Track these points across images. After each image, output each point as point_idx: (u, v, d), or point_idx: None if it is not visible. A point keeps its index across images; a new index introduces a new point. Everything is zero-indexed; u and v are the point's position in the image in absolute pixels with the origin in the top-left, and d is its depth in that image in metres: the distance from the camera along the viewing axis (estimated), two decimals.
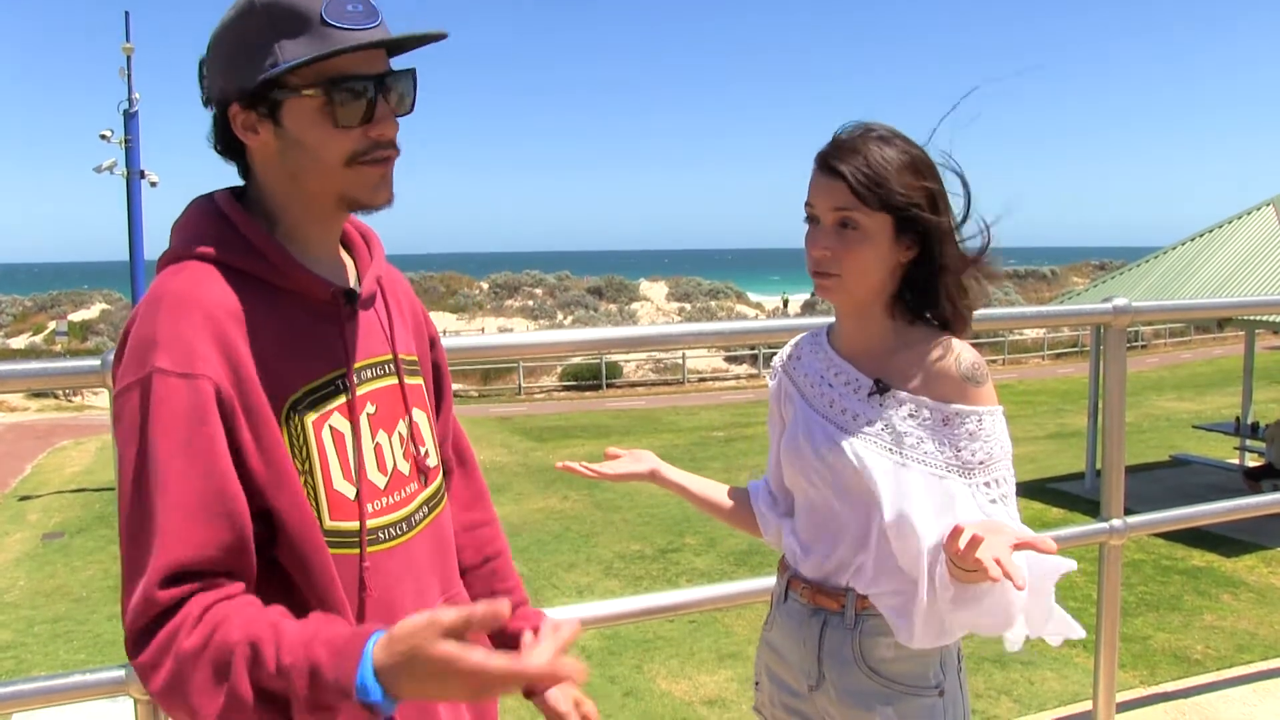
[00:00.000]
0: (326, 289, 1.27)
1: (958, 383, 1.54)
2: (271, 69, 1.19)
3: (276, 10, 1.19)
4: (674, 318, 39.98)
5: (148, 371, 1.14)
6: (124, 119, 17.73)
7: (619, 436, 20.40)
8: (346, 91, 1.22)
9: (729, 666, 8.40)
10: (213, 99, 1.26)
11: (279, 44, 1.19)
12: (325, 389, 1.25)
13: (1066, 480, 14.83)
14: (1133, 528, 2.79)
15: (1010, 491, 1.56)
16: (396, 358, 1.36)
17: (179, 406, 1.12)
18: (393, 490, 1.32)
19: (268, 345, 1.20)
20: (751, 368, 31.33)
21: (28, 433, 23.06)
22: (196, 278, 1.20)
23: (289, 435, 1.21)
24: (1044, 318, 3.93)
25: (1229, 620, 9.33)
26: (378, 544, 1.29)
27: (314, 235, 1.31)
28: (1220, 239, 15.13)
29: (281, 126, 1.23)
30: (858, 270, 1.57)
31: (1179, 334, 37.59)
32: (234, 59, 1.22)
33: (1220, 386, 24.80)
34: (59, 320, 33.95)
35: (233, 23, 1.23)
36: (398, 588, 1.30)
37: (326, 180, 1.25)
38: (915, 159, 1.57)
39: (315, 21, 1.19)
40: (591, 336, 2.47)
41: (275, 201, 1.29)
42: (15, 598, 11.48)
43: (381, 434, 1.31)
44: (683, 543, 12.42)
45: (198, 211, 1.29)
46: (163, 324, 1.16)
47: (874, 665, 1.59)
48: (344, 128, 1.23)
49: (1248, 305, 5.50)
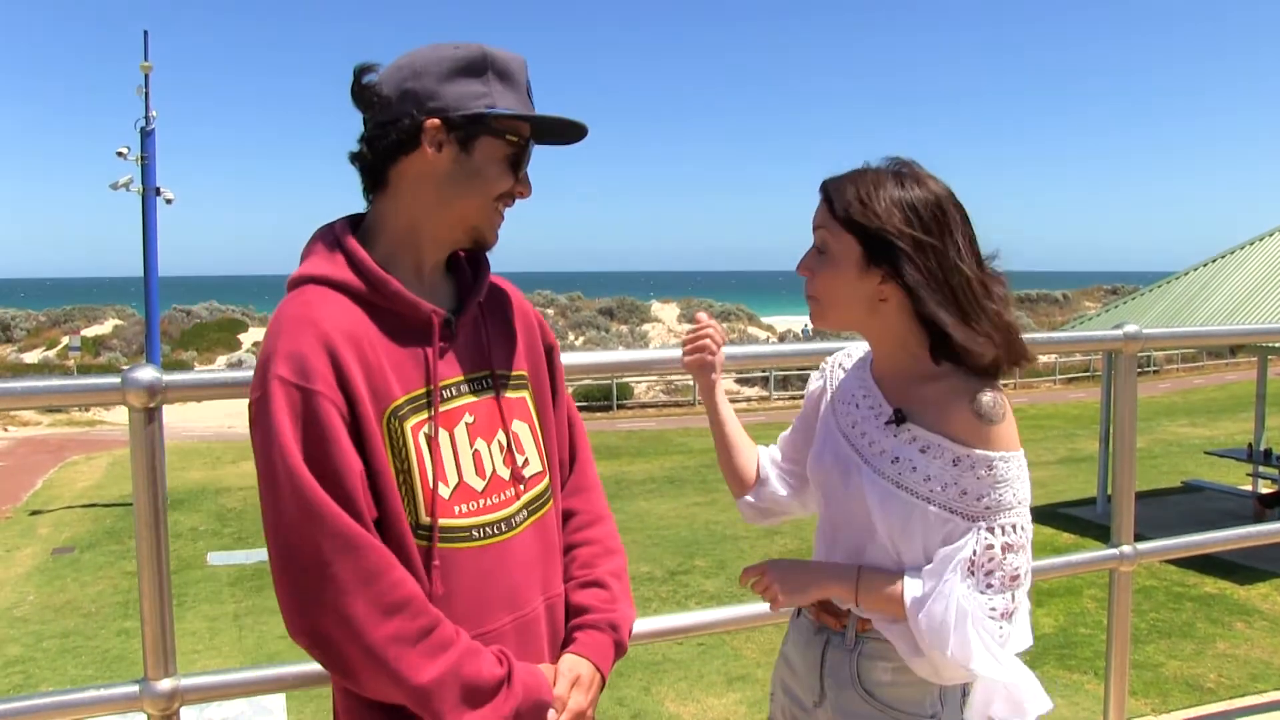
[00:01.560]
0: (425, 312, 1.43)
1: (974, 423, 1.48)
2: (489, 108, 1.42)
3: (498, 67, 1.44)
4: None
5: (269, 381, 1.33)
6: (141, 136, 17.88)
7: (630, 458, 20.39)
8: (525, 149, 1.48)
9: (737, 689, 8.37)
10: (398, 108, 1.42)
11: (496, 92, 1.44)
12: (422, 399, 1.42)
13: (1078, 505, 14.77)
14: (1144, 554, 2.78)
15: (1019, 540, 1.49)
16: (494, 374, 1.53)
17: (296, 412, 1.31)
18: (491, 493, 1.47)
19: (373, 359, 1.38)
20: (763, 390, 31.28)
21: (40, 447, 23.16)
22: (314, 300, 1.39)
23: (389, 439, 1.38)
24: (1056, 344, 3.92)
25: (1242, 648, 9.26)
26: (473, 541, 1.44)
27: (428, 259, 1.50)
28: (1234, 264, 15.10)
29: (467, 154, 1.44)
30: (828, 294, 1.55)
31: (1191, 359, 37.40)
32: (451, 84, 1.42)
33: (1232, 412, 24.67)
34: (72, 335, 34.13)
35: (459, 57, 1.43)
36: (489, 583, 1.45)
37: (475, 211, 1.47)
38: (916, 200, 1.49)
39: (522, 89, 1.47)
40: (604, 360, 2.48)
41: (405, 218, 1.47)
42: (25, 612, 11.50)
43: (480, 442, 1.48)
44: (692, 565, 12.39)
45: (318, 240, 1.47)
46: (283, 341, 1.35)
47: (870, 688, 1.58)
48: (512, 174, 1.47)
49: (1258, 333, 5.48)
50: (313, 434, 1.31)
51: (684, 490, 17.23)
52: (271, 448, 1.31)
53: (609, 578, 1.62)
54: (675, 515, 15.32)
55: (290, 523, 1.31)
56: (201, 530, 14.97)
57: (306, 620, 1.32)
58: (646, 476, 18.50)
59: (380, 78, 1.44)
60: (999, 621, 1.46)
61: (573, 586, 1.60)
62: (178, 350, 36.58)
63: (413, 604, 1.34)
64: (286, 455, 1.30)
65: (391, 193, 1.47)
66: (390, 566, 1.33)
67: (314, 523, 1.30)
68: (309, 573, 1.31)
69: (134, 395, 1.69)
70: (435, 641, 1.34)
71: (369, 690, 1.36)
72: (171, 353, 35.16)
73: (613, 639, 1.58)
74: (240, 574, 12.60)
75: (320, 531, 1.30)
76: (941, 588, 1.46)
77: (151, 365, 1.74)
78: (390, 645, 1.31)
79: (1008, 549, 1.47)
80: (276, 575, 1.34)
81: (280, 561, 1.33)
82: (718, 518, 14.90)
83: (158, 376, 1.71)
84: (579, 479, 1.70)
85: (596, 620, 1.57)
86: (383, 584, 1.32)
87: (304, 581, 1.31)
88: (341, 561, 1.30)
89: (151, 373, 1.71)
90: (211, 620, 10.89)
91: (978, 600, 1.45)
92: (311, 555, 1.30)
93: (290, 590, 1.33)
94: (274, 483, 1.32)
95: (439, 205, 1.45)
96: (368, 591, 1.31)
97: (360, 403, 1.35)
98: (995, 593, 1.46)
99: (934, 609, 1.46)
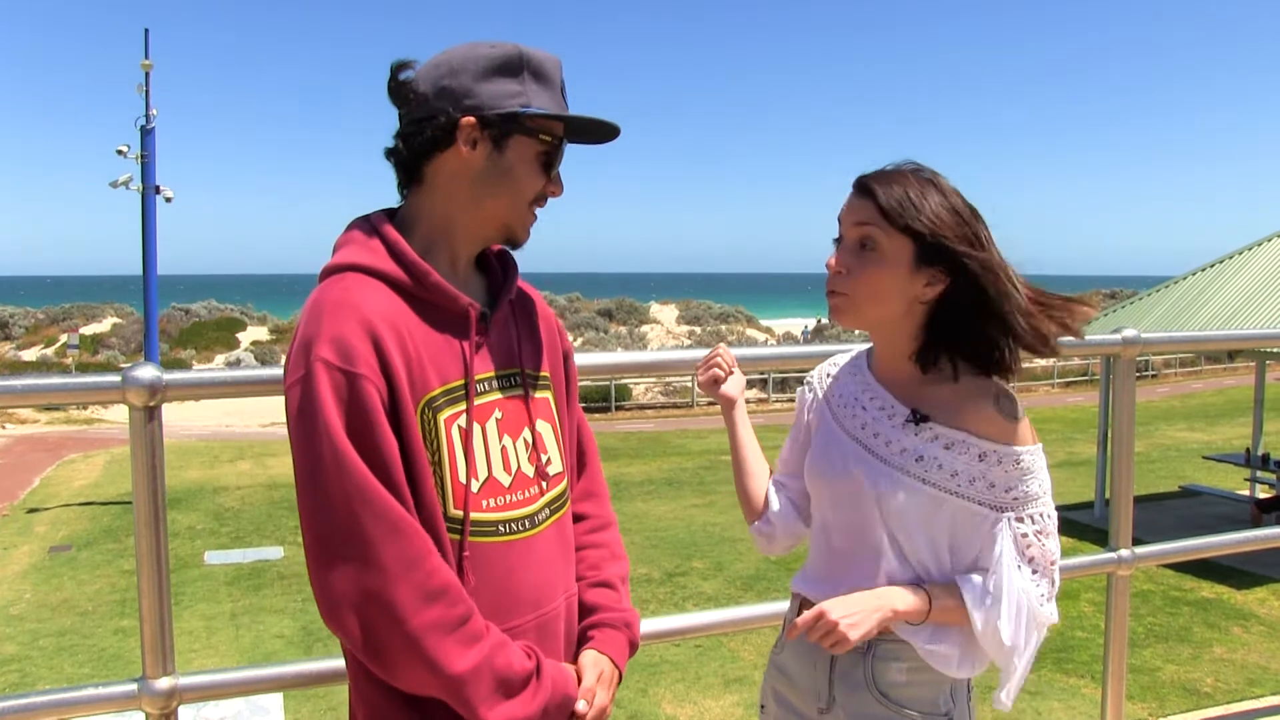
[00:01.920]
0: (464, 305, 1.45)
1: (999, 420, 1.54)
2: (524, 107, 1.44)
3: (534, 66, 1.45)
4: (684, 341, 39.95)
5: (312, 363, 1.32)
6: (141, 134, 17.86)
7: (628, 459, 20.38)
8: (558, 149, 1.49)
9: (734, 691, 8.37)
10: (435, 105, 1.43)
11: (531, 91, 1.45)
12: (457, 391, 1.43)
13: (1075, 509, 14.77)
14: (1141, 558, 2.78)
15: (1049, 527, 1.56)
16: (523, 372, 1.55)
17: (340, 394, 1.31)
18: (516, 489, 1.49)
19: (412, 348, 1.39)
20: (761, 392, 31.28)
21: (37, 445, 23.13)
22: (354, 286, 1.39)
23: (424, 428, 1.39)
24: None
25: (1239, 653, 9.26)
26: (499, 536, 1.45)
27: (462, 254, 1.51)
28: (1232, 269, 15.10)
29: (501, 153, 1.45)
30: (868, 292, 1.56)
31: (1189, 364, 37.42)
32: (487, 82, 1.43)
33: (1230, 417, 24.69)
34: (71, 333, 34.08)
35: (496, 56, 1.44)
36: (514, 579, 1.45)
37: (508, 210, 1.48)
38: (956, 205, 1.55)
39: (557, 89, 1.48)
40: (603, 362, 2.48)
41: (439, 214, 1.48)
42: (21, 610, 11.48)
43: (507, 438, 1.49)
44: (690, 566, 12.38)
45: (357, 230, 1.48)
46: (326, 325, 1.34)
47: (885, 690, 1.59)
48: (544, 173, 1.48)
49: (1258, 338, 5.48)
50: (358, 417, 1.31)
51: (682, 492, 17.22)
52: (316, 429, 1.31)
53: (617, 580, 1.65)
54: (673, 517, 15.31)
55: (336, 504, 1.30)
56: (199, 529, 14.95)
57: (347, 603, 1.31)
58: (645, 478, 18.49)
59: (417, 75, 1.45)
60: (1047, 606, 1.55)
61: (583, 586, 1.62)
62: (176, 349, 36.55)
63: (450, 591, 1.34)
64: (334, 436, 1.30)
65: (427, 188, 1.48)
66: (430, 552, 1.34)
67: (362, 504, 1.30)
68: (352, 556, 1.30)
69: (134, 394, 1.69)
70: (470, 631, 1.35)
71: (401, 678, 1.35)
72: (170, 351, 35.13)
73: (627, 636, 1.61)
74: (237, 573, 12.59)
75: (368, 513, 1.30)
76: (1000, 581, 1.53)
77: (152, 364, 1.74)
78: (430, 632, 1.31)
79: (1040, 535, 1.55)
80: (315, 558, 1.33)
81: (320, 544, 1.32)
82: (716, 519, 14.90)
83: (158, 375, 1.71)
84: (590, 484, 1.72)
85: (612, 619, 1.60)
86: (425, 569, 1.32)
87: (346, 564, 1.30)
88: (387, 544, 1.30)
89: (152, 371, 1.71)
90: (208, 619, 10.88)
91: (1031, 589, 1.53)
92: (357, 537, 1.30)
93: (330, 573, 1.31)
94: (318, 464, 1.31)
95: (472, 202, 1.47)
96: (410, 577, 1.31)
97: (400, 390, 1.35)
98: (1041, 578, 1.55)
99: (998, 605, 1.52)
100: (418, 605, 1.31)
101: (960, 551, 1.58)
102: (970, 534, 1.56)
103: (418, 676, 1.33)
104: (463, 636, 1.33)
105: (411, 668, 1.32)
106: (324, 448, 1.30)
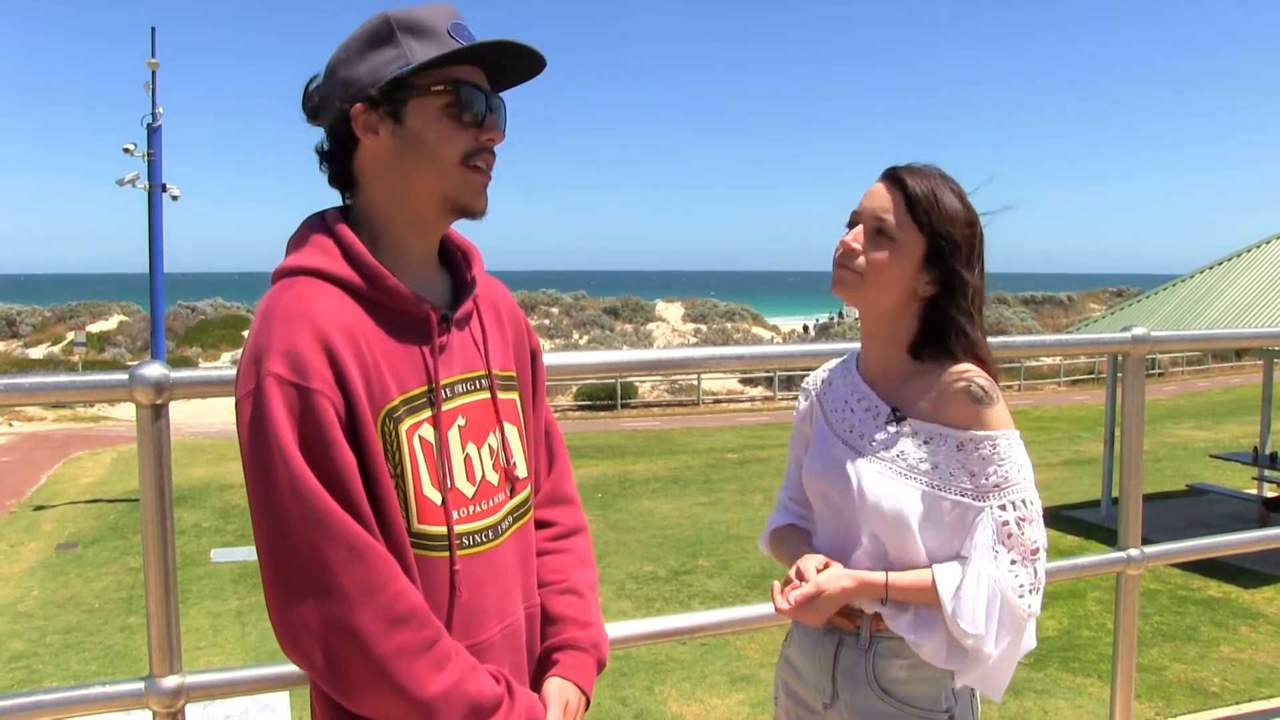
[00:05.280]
0: (423, 308, 1.37)
1: (970, 407, 1.58)
2: (403, 69, 1.32)
3: (407, 24, 1.34)
4: (689, 339, 39.96)
5: (263, 378, 1.25)
6: (147, 133, 17.88)
7: (633, 457, 20.38)
8: (471, 90, 1.36)
9: (741, 690, 8.36)
10: (330, 107, 1.36)
11: (410, 49, 1.33)
12: (419, 400, 1.35)
13: (1082, 508, 14.73)
14: (1150, 557, 2.77)
15: (1031, 514, 1.58)
16: (491, 373, 1.46)
17: (294, 411, 1.23)
18: (480, 499, 1.42)
19: (369, 357, 1.31)
20: (767, 390, 31.25)
21: (44, 442, 23.19)
22: (306, 293, 1.31)
23: (384, 441, 1.31)
24: (1063, 346, 3.91)
25: (1247, 653, 9.23)
26: (463, 549, 1.38)
27: (415, 248, 1.42)
28: (1239, 267, 15.05)
29: (402, 125, 1.35)
30: (877, 277, 1.60)
31: (1196, 362, 37.33)
32: (363, 63, 1.35)
33: (1238, 415, 24.61)
34: (77, 331, 34.22)
35: (364, 34, 1.36)
36: (481, 593, 1.40)
37: (438, 179, 1.37)
38: (969, 216, 1.63)
39: (442, 34, 1.35)
40: (610, 360, 2.48)
41: (380, 210, 1.40)
42: (28, 607, 11.51)
43: (471, 446, 1.41)
44: (696, 565, 12.38)
45: (309, 229, 1.40)
46: (277, 336, 1.26)
47: (886, 686, 1.61)
48: (464, 126, 1.36)
49: (1266, 336, 5.47)
50: (312, 435, 1.23)
51: (688, 490, 17.21)
52: (269, 449, 1.23)
53: (584, 588, 1.58)
54: (679, 515, 15.30)
55: (293, 529, 1.23)
56: (205, 527, 14.98)
57: (308, 633, 1.24)
58: (650, 476, 18.48)
59: (316, 85, 1.41)
60: (1027, 598, 1.54)
61: (549, 593, 1.55)
62: (182, 347, 36.65)
63: (418, 615, 1.28)
64: (287, 456, 1.22)
65: (361, 189, 1.42)
66: (394, 575, 1.27)
67: (318, 528, 1.22)
68: (310, 582, 1.23)
69: (141, 392, 1.69)
70: (440, 654, 1.29)
71: (365, 707, 1.28)
72: (176, 349, 35.22)
73: (595, 658, 1.54)
74: (243, 571, 12.60)
75: (324, 537, 1.22)
76: (971, 569, 1.54)
77: (159, 362, 1.73)
78: (398, 658, 1.25)
79: (1022, 522, 1.56)
80: (273, 586, 1.26)
81: (276, 570, 1.25)
82: (721, 518, 14.89)
83: (165, 373, 1.71)
84: (558, 490, 1.64)
85: (579, 639, 1.52)
86: (389, 593, 1.25)
87: (304, 591, 1.23)
88: (347, 570, 1.23)
89: (159, 369, 1.71)
90: (214, 617, 10.89)
91: (1007, 578, 1.53)
92: (314, 563, 1.23)
93: (287, 600, 1.25)
94: (271, 486, 1.23)
95: (401, 186, 1.38)
96: (374, 602, 1.24)
97: (358, 402, 1.28)
98: (1020, 567, 1.55)
99: (966, 590, 1.53)
100: (383, 631, 1.24)
101: (945, 545, 1.60)
102: (954, 527, 1.58)
103: (383, 703, 1.27)
104: (432, 660, 1.27)
105: (378, 695, 1.26)
106: (278, 469, 1.23)
